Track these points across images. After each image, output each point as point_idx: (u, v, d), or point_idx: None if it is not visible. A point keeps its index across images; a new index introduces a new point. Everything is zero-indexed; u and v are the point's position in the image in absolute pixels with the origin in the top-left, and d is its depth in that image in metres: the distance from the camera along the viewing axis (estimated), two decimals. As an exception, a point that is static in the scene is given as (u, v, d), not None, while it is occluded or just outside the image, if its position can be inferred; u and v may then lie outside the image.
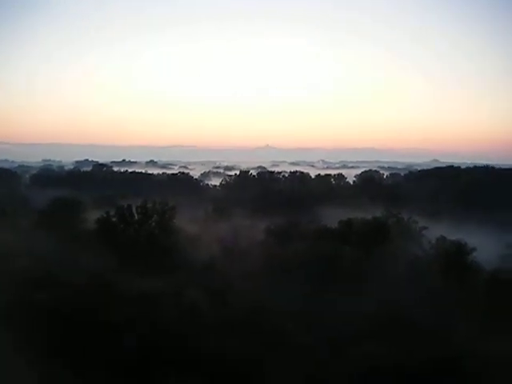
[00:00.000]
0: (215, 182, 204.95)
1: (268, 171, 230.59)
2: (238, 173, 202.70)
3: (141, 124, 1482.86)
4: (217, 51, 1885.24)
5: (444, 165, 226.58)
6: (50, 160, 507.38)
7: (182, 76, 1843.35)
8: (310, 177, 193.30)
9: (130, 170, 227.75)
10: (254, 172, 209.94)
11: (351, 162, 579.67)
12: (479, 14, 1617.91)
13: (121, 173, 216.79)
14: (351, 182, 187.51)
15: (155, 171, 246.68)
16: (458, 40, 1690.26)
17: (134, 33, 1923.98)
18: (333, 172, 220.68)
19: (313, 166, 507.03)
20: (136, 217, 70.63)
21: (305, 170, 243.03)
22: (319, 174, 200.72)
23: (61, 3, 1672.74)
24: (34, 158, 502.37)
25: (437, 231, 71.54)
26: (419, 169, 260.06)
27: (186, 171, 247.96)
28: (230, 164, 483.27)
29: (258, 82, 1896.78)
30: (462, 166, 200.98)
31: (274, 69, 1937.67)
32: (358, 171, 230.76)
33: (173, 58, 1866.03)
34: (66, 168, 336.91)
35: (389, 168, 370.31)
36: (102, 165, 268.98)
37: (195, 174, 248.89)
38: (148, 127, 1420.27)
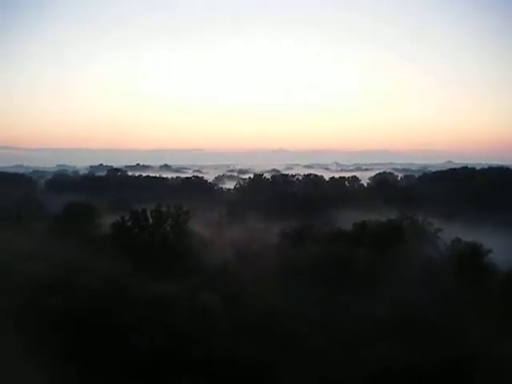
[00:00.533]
0: (229, 185, 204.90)
1: (282, 174, 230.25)
2: (251, 176, 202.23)
3: (154, 128, 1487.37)
4: (229, 54, 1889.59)
5: (458, 166, 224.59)
6: (64, 165, 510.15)
7: (196, 79, 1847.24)
8: (324, 179, 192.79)
9: (144, 175, 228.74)
10: (267, 175, 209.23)
11: (365, 164, 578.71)
12: (491, 13, 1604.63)
13: (135, 177, 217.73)
14: (365, 185, 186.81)
15: (169, 175, 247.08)
16: (471, 40, 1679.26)
17: (145, 37, 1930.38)
18: (347, 174, 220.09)
19: (327, 168, 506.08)
20: (150, 221, 70.87)
21: (319, 172, 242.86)
22: (333, 177, 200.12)
23: (71, 9, 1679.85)
24: (49, 163, 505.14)
25: (452, 233, 71.25)
26: (433, 170, 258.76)
27: (199, 175, 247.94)
28: (243, 167, 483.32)
29: (270, 84, 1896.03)
30: (477, 167, 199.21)
31: (286, 71, 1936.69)
32: (372, 173, 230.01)
33: (185, 62, 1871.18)
34: (80, 173, 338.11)
35: (403, 170, 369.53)
36: (117, 169, 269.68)
37: (209, 177, 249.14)
38: (161, 131, 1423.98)
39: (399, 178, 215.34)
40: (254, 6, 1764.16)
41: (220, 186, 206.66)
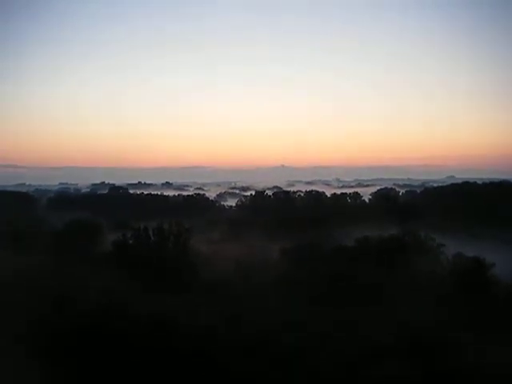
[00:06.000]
0: (231, 202, 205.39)
1: (283, 191, 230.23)
2: (253, 193, 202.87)
3: (156, 146, 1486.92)
4: (231, 72, 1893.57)
5: (460, 181, 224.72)
6: (66, 183, 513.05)
7: (197, 97, 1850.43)
8: (326, 196, 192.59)
9: (145, 192, 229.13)
10: (269, 192, 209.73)
11: (366, 180, 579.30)
12: (491, 28, 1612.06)
13: (137, 195, 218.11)
14: (367, 201, 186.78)
15: (171, 193, 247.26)
16: (469, 54, 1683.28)
17: (146, 54, 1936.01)
18: (348, 190, 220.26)
19: (328, 184, 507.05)
20: (152, 238, 70.90)
21: (320, 188, 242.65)
22: (335, 193, 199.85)
23: (73, 27, 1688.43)
24: (51, 182, 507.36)
25: (454, 248, 71.15)
26: (435, 185, 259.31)
27: (201, 192, 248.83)
28: (245, 184, 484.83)
29: (272, 101, 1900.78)
30: (478, 182, 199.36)
31: (288, 87, 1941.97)
32: (374, 189, 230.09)
33: (187, 80, 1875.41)
34: (82, 191, 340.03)
35: (404, 185, 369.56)
36: (118, 187, 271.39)
37: (211, 194, 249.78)
38: (163, 149, 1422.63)
39: (401, 194, 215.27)
40: (259, 27, 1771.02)
41: (222, 203, 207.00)
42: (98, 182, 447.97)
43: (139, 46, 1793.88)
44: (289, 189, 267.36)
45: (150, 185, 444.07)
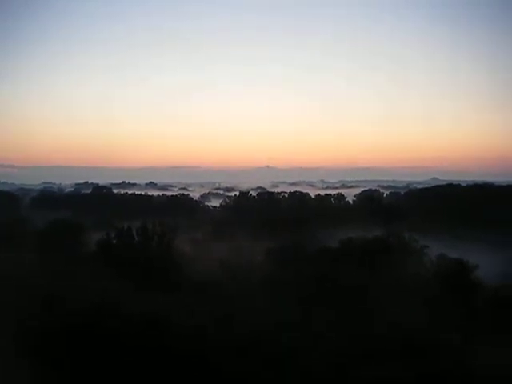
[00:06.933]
0: (215, 203, 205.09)
1: (267, 192, 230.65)
2: (237, 194, 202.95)
3: (140, 146, 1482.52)
4: (217, 72, 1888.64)
5: (444, 182, 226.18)
6: (50, 182, 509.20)
7: (182, 97, 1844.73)
8: (310, 197, 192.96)
9: (129, 192, 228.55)
10: (253, 193, 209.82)
11: (351, 181, 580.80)
12: (482, 31, 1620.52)
13: (121, 195, 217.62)
14: (351, 202, 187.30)
15: (155, 193, 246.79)
16: (458, 56, 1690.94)
17: (135, 57, 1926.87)
18: (332, 192, 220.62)
19: (312, 185, 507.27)
20: (136, 238, 70.65)
21: (304, 189, 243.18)
22: (319, 194, 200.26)
23: (70, 33, 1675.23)
24: (34, 181, 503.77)
25: (437, 249, 71.49)
26: (419, 187, 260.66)
27: (185, 193, 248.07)
28: (229, 185, 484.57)
29: (258, 102, 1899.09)
30: (462, 184, 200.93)
31: (273, 88, 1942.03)
32: (358, 190, 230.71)
33: (173, 80, 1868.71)
34: (66, 190, 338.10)
35: (388, 187, 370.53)
36: (102, 187, 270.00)
37: (195, 195, 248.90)
38: (147, 149, 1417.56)
39: (385, 195, 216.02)
40: (249, 29, 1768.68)
41: (206, 203, 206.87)
42: (81, 181, 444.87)
43: (135, 44, 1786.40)
44: (273, 190, 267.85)
45: (133, 184, 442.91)
